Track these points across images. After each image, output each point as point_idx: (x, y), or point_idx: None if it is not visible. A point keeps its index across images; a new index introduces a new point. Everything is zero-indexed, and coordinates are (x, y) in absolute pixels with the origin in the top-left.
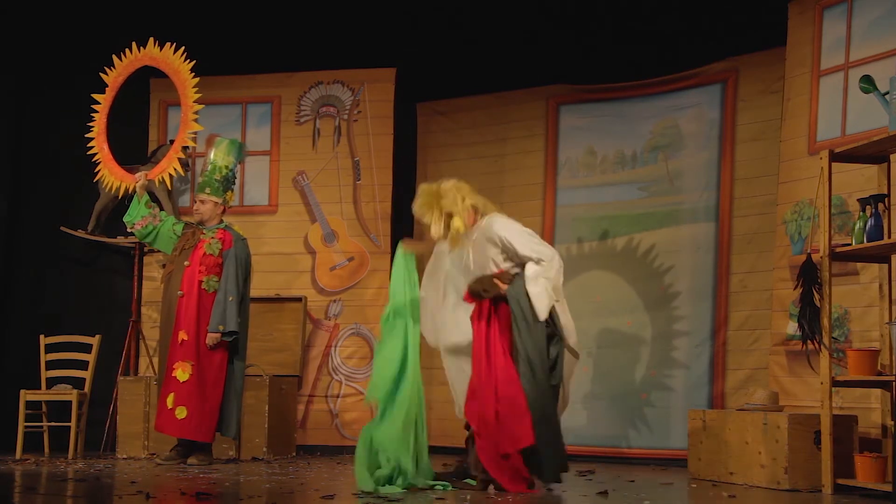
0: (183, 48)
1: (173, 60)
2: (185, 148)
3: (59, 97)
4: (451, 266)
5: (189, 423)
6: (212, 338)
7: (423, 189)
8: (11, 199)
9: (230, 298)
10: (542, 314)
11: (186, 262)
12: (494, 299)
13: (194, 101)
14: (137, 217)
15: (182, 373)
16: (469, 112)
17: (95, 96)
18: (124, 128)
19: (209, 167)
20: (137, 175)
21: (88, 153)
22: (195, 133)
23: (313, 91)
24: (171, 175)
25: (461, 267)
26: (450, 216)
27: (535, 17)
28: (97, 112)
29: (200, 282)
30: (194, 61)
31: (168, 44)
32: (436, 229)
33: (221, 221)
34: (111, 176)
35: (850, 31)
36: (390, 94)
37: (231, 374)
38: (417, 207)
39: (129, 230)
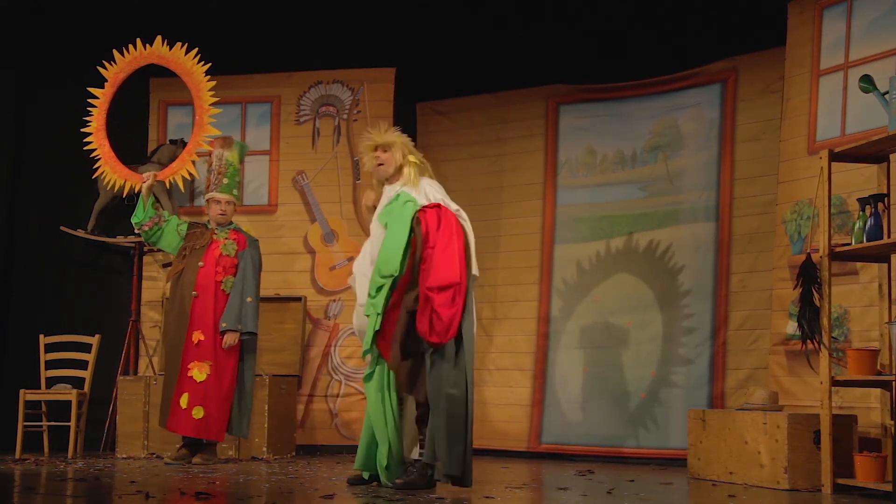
0: (196, 49)
1: (185, 61)
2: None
3: (60, 96)
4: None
5: (206, 423)
6: (233, 337)
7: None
8: (11, 198)
9: (248, 300)
10: None
11: (200, 263)
12: None
13: (210, 105)
14: (145, 218)
15: (199, 373)
16: (469, 112)
17: (93, 90)
18: (124, 127)
19: (229, 168)
20: (145, 175)
21: (86, 149)
22: (211, 137)
23: (313, 91)
24: (183, 178)
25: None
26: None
27: (535, 17)
28: (95, 108)
29: (219, 282)
30: (209, 63)
31: (178, 44)
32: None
33: (231, 222)
34: (113, 173)
35: (850, 30)
36: (390, 93)
37: (242, 373)
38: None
39: (136, 231)
